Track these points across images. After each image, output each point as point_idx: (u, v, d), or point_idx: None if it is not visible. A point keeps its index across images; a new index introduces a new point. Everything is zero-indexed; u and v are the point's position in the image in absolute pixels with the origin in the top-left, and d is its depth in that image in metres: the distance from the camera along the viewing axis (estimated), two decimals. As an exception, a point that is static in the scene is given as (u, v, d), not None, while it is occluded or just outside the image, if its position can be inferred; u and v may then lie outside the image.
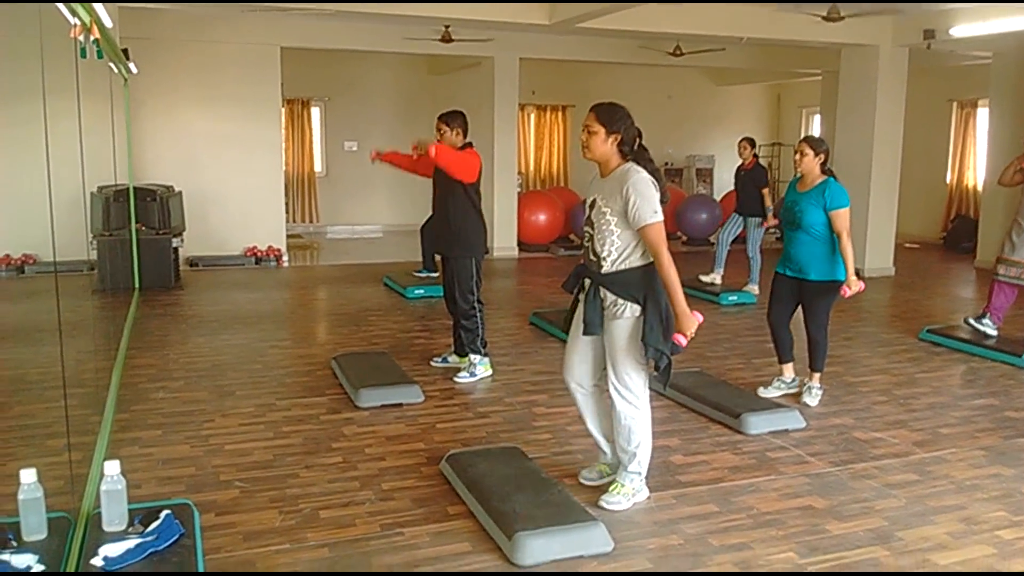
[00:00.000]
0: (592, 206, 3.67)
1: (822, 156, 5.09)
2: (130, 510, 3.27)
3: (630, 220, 3.50)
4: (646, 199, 3.46)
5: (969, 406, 5.29)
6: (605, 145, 3.59)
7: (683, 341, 3.51)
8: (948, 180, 13.64)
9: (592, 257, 3.65)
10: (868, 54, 10.10)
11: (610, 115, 3.58)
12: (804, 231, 5.05)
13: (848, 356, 6.46)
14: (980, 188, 12.33)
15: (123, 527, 3.21)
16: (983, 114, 12.55)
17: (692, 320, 3.50)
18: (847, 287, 4.96)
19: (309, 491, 3.85)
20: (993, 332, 6.68)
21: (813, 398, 5.22)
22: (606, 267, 3.60)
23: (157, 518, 3.24)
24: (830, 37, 9.51)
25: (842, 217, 4.96)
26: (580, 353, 3.82)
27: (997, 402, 5.38)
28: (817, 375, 5.28)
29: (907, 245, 12.82)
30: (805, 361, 5.35)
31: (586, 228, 3.71)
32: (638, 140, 3.63)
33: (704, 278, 9.06)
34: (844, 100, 10.62)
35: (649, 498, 3.80)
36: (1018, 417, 5.07)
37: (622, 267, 3.57)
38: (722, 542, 3.43)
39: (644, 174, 3.52)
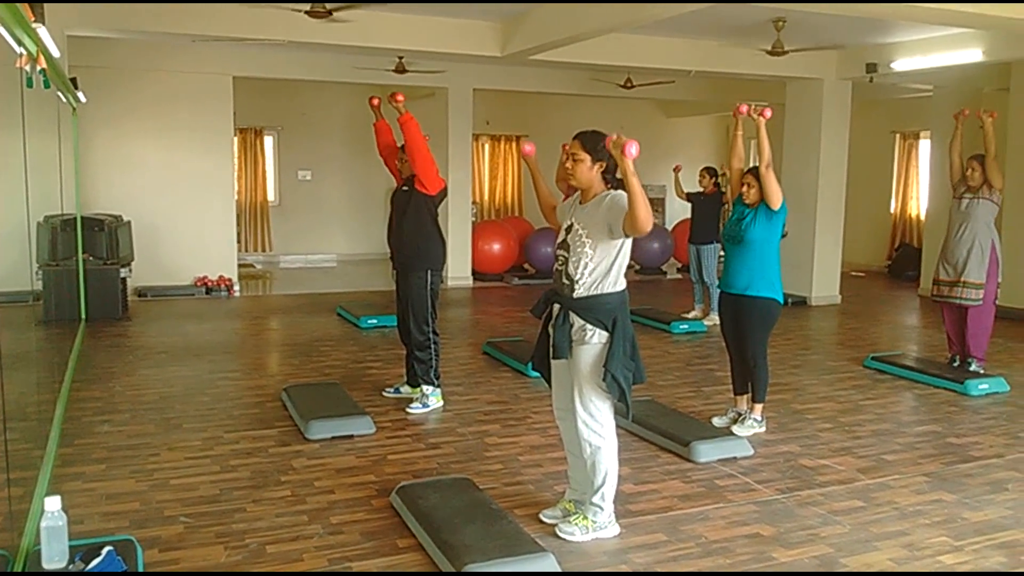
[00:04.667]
0: (568, 230, 3.70)
1: (768, 185, 5.20)
2: (71, 547, 3.20)
3: (612, 218, 3.50)
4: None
5: (913, 433, 5.40)
6: (591, 172, 3.65)
7: (632, 151, 3.33)
8: (892, 210, 13.99)
9: (565, 281, 3.67)
10: (812, 87, 10.36)
11: (594, 143, 3.63)
12: (746, 246, 5.14)
13: (795, 383, 6.56)
14: (923, 217, 12.66)
15: (63, 564, 3.14)
16: (925, 145, 12.93)
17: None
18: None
19: (256, 526, 3.80)
20: (974, 368, 6.76)
21: (745, 429, 5.23)
22: (579, 291, 3.62)
23: (99, 555, 3.18)
24: (775, 71, 9.73)
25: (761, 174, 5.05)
26: (558, 379, 3.84)
27: (940, 428, 5.50)
28: (759, 406, 5.34)
29: (853, 273, 13.10)
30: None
31: (560, 252, 3.72)
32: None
33: (687, 315, 9.09)
34: (790, 132, 10.86)
35: (619, 535, 3.77)
36: (960, 443, 5.19)
37: (595, 292, 3.60)
38: (670, 571, 3.46)
39: (626, 195, 3.55)
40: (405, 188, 5.71)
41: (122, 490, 4.21)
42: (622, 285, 3.65)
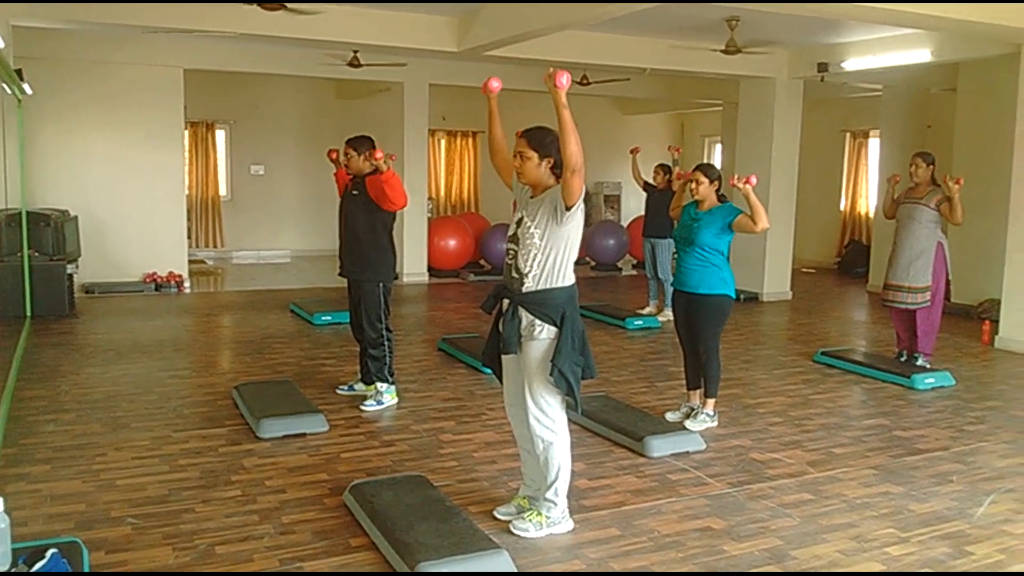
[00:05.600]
0: (519, 224, 3.69)
1: (716, 184, 5.27)
2: (14, 549, 3.12)
3: (556, 199, 3.51)
4: None
5: (861, 426, 5.50)
6: (539, 169, 3.64)
7: (563, 81, 3.35)
8: (842, 207, 14.24)
9: (514, 275, 3.66)
10: (765, 86, 10.49)
11: (541, 140, 3.64)
12: (697, 247, 5.19)
13: (746, 378, 6.64)
14: (872, 215, 12.90)
15: (6, 567, 3.06)
16: (874, 144, 13.17)
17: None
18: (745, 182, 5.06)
19: (205, 526, 3.74)
20: (921, 362, 6.92)
21: (698, 424, 5.28)
22: (528, 285, 3.61)
23: (43, 557, 3.10)
24: (729, 69, 9.84)
25: (741, 220, 5.10)
26: (508, 374, 3.83)
27: (887, 422, 5.60)
28: (711, 401, 5.40)
29: (803, 270, 13.30)
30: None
31: (510, 246, 3.71)
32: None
33: (642, 311, 9.14)
34: (743, 130, 11.00)
35: (572, 530, 3.79)
36: (907, 436, 5.29)
37: (544, 286, 3.60)
38: (623, 566, 3.48)
39: None
40: (355, 192, 5.58)
41: (68, 491, 4.12)
42: (571, 280, 3.65)
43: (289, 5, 7.06)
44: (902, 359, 7.05)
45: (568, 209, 3.52)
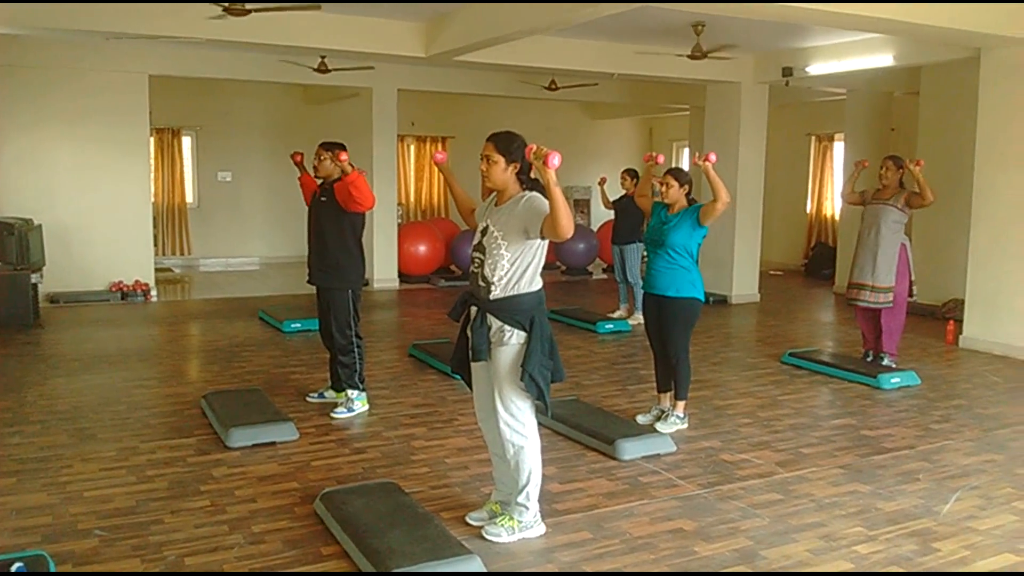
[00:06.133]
0: (484, 232, 3.69)
1: (686, 187, 5.31)
2: (-23, 566, 3.08)
3: (528, 221, 3.52)
4: (544, 202, 3.51)
5: (828, 426, 5.56)
6: (505, 174, 3.64)
7: (554, 162, 3.32)
8: (808, 210, 14.38)
9: (481, 283, 3.66)
10: (731, 90, 10.59)
11: (508, 144, 3.64)
12: (667, 249, 5.23)
13: (716, 380, 6.69)
14: (838, 217, 13.05)
15: (-32, 585, 3.02)
16: (839, 147, 13.32)
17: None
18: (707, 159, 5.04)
19: (174, 537, 3.70)
20: (887, 362, 7.00)
21: (668, 426, 5.31)
22: (495, 292, 3.61)
23: (8, 572, 3.06)
24: (695, 74, 9.92)
25: (704, 208, 5.11)
26: (478, 381, 3.83)
27: (854, 422, 5.67)
28: (681, 404, 5.43)
29: (771, 272, 13.43)
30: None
31: (476, 254, 3.72)
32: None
33: (612, 315, 9.17)
34: (710, 134, 11.08)
35: (545, 534, 3.79)
36: (873, 436, 5.35)
37: (511, 293, 3.60)
38: (596, 569, 3.49)
39: (542, 197, 3.57)
40: (324, 199, 5.56)
41: (33, 504, 4.06)
42: (538, 285, 3.67)
43: (254, 10, 7.02)
44: (868, 359, 7.14)
45: (541, 238, 3.55)
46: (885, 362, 6.98)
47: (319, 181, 5.65)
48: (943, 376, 6.97)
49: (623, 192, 9.20)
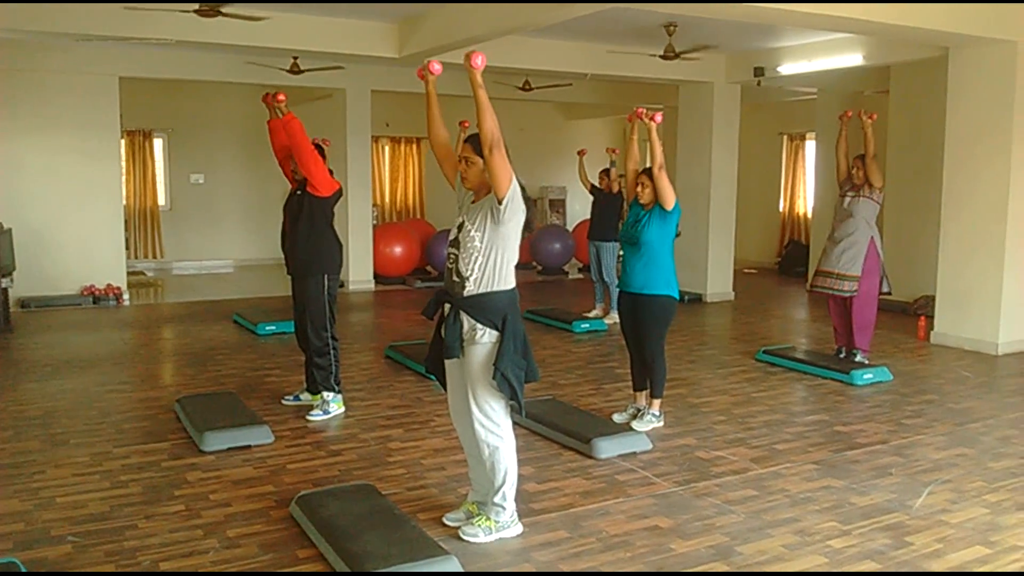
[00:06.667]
0: (460, 228, 3.70)
1: (662, 185, 5.33)
2: (-54, 575, 3.04)
3: (491, 200, 3.54)
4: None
5: (802, 422, 5.60)
6: (483, 175, 3.65)
7: (478, 62, 3.50)
8: (781, 208, 14.51)
9: (455, 279, 3.66)
10: (703, 90, 10.66)
11: None
12: (642, 247, 5.25)
13: (691, 378, 6.73)
14: (810, 216, 13.16)
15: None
16: (811, 146, 13.45)
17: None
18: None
19: (148, 543, 3.67)
20: (859, 358, 7.06)
21: (644, 424, 5.34)
22: (469, 288, 3.61)
23: (-23, 582, 3.02)
24: (668, 74, 9.97)
25: (657, 184, 5.17)
26: (452, 380, 3.83)
27: (828, 417, 5.72)
28: (657, 402, 5.46)
29: (745, 271, 13.52)
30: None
31: (451, 250, 3.72)
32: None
33: (588, 315, 9.18)
34: (683, 133, 11.15)
35: (522, 534, 3.79)
36: (846, 431, 5.41)
37: (485, 290, 3.60)
38: (572, 567, 3.50)
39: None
40: (298, 192, 5.58)
41: (5, 510, 4.01)
42: (512, 283, 3.67)
43: (226, 12, 6.97)
44: (841, 355, 7.21)
45: (500, 203, 3.53)
46: (857, 358, 7.05)
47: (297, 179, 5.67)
48: (915, 372, 7.05)
49: (601, 188, 9.22)
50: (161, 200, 13.72)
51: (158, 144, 13.66)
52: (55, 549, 3.61)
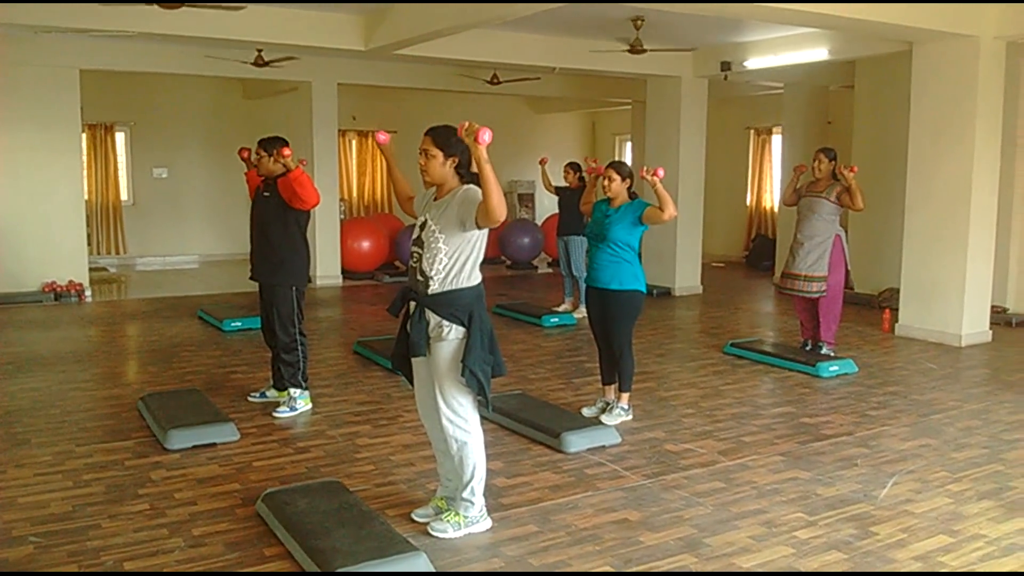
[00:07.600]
0: (423, 227, 3.66)
1: (628, 181, 5.34)
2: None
3: (464, 212, 3.49)
4: (479, 192, 3.47)
5: (769, 414, 5.65)
6: (444, 168, 3.62)
7: (484, 138, 3.28)
8: (748, 202, 14.61)
9: (420, 277, 3.63)
10: (671, 84, 10.69)
11: (446, 138, 3.60)
12: (609, 244, 5.26)
13: (660, 372, 6.76)
14: (776, 209, 13.27)
15: None
16: (777, 140, 13.56)
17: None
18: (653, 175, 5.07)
19: (112, 543, 3.61)
20: (825, 351, 7.12)
21: (613, 418, 5.36)
22: (434, 287, 3.59)
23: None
24: (636, 68, 10.00)
25: (650, 212, 5.17)
26: (419, 377, 3.81)
27: (794, 409, 5.77)
28: (625, 395, 5.47)
29: (713, 264, 13.61)
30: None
31: (414, 248, 3.69)
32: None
33: (558, 309, 9.18)
34: (652, 128, 11.19)
35: (491, 529, 3.78)
36: (812, 423, 5.46)
37: (449, 287, 3.58)
38: (541, 561, 3.50)
39: (478, 189, 3.54)
40: (267, 194, 5.48)
41: (-38, 512, 3.93)
42: (477, 279, 3.65)
43: (193, 2, 6.86)
44: (807, 348, 7.28)
45: (477, 228, 3.53)
46: (823, 351, 7.12)
47: (262, 177, 5.56)
48: (880, 364, 7.13)
49: (566, 184, 9.23)
50: (124, 195, 13.52)
51: (120, 138, 13.46)
52: (17, 550, 3.54)
